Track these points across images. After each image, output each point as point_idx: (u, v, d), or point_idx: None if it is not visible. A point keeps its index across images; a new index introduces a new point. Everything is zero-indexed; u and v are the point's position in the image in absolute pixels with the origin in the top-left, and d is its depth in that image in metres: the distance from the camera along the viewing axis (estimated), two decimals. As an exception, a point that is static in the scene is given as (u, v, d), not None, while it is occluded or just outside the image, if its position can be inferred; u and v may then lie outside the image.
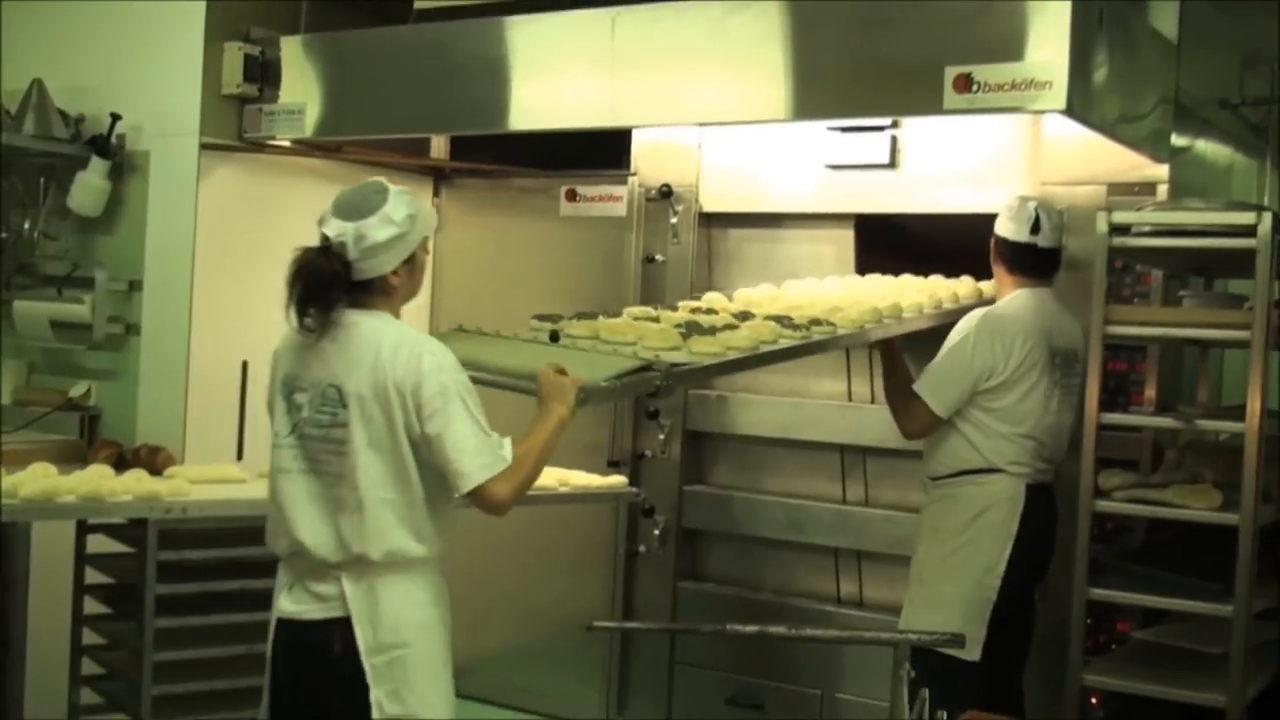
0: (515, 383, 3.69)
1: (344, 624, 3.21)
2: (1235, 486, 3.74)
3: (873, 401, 5.19)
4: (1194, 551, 4.07)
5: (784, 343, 4.11)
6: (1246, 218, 3.73)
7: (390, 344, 3.19)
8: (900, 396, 4.51)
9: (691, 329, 4.03)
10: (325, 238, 3.24)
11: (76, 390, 5.64)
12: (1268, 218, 3.68)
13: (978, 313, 4.42)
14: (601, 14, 4.76)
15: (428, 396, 3.19)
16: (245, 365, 5.54)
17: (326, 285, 3.19)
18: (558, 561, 5.82)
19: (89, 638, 4.60)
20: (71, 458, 4.86)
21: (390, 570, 3.23)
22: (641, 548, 5.55)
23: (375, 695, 3.20)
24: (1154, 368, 4.61)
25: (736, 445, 5.53)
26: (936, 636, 3.56)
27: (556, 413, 3.42)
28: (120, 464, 4.67)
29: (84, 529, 4.57)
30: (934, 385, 4.38)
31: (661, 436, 5.51)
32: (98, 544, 4.58)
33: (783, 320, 4.20)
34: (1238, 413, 3.78)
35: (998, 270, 4.56)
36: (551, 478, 4.97)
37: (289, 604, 3.29)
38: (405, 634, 3.24)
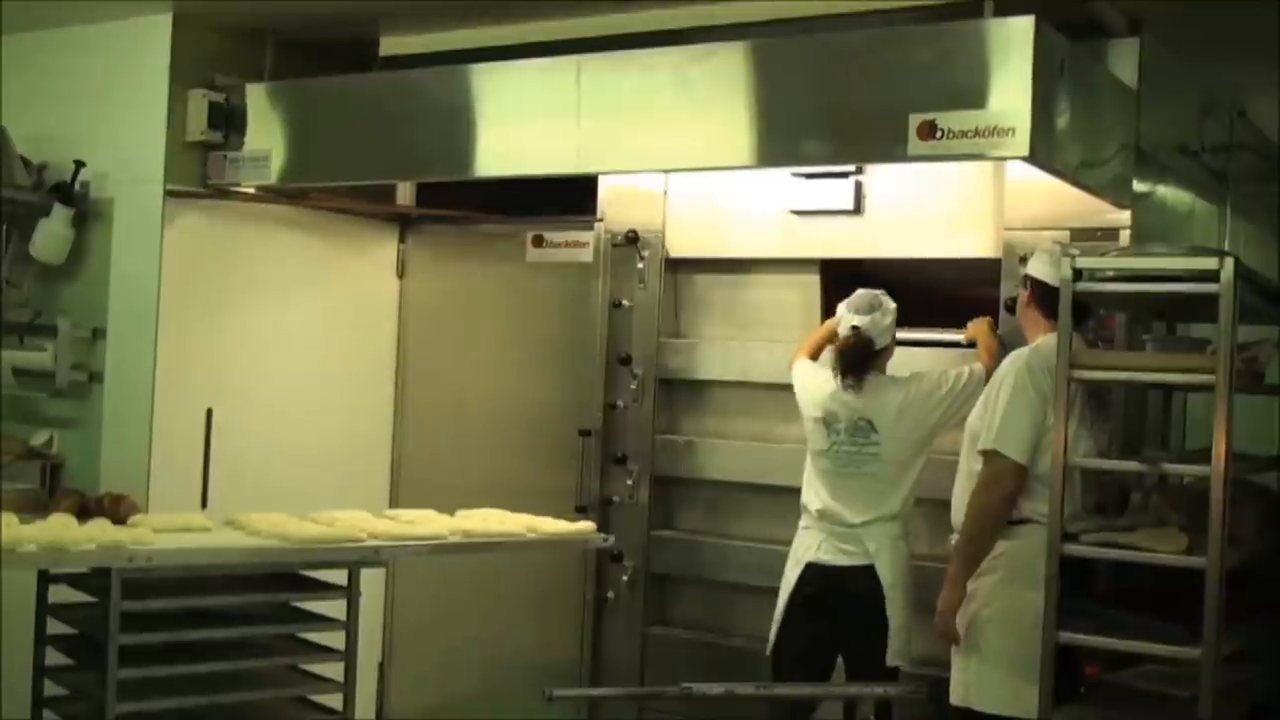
0: (945, 343, 5.04)
1: (865, 570, 4.66)
2: (1201, 529, 3.75)
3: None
4: (1161, 594, 4.07)
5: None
6: (1209, 263, 3.76)
7: (901, 396, 4.72)
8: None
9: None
10: (855, 328, 4.70)
11: (38, 439, 5.59)
12: (1230, 263, 3.71)
13: (1020, 354, 4.36)
14: (567, 61, 4.78)
15: (930, 408, 4.72)
16: (210, 412, 5.51)
17: (865, 354, 4.71)
18: (526, 608, 5.79)
19: (51, 689, 4.54)
20: (33, 507, 4.80)
21: (891, 534, 4.69)
22: (610, 594, 5.53)
23: (890, 613, 4.61)
24: (1118, 411, 4.63)
25: (705, 490, 5.53)
26: (901, 690, 3.54)
27: (984, 339, 4.82)
28: (83, 513, 4.62)
29: (46, 579, 4.52)
30: (1007, 434, 4.25)
31: (629, 482, 5.50)
32: (60, 594, 4.52)
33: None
34: (1203, 456, 3.80)
35: (1032, 314, 4.47)
36: (519, 524, 4.96)
37: (823, 555, 4.74)
38: (901, 574, 4.68)
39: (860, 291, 4.75)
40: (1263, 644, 4.30)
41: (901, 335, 4.83)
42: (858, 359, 4.70)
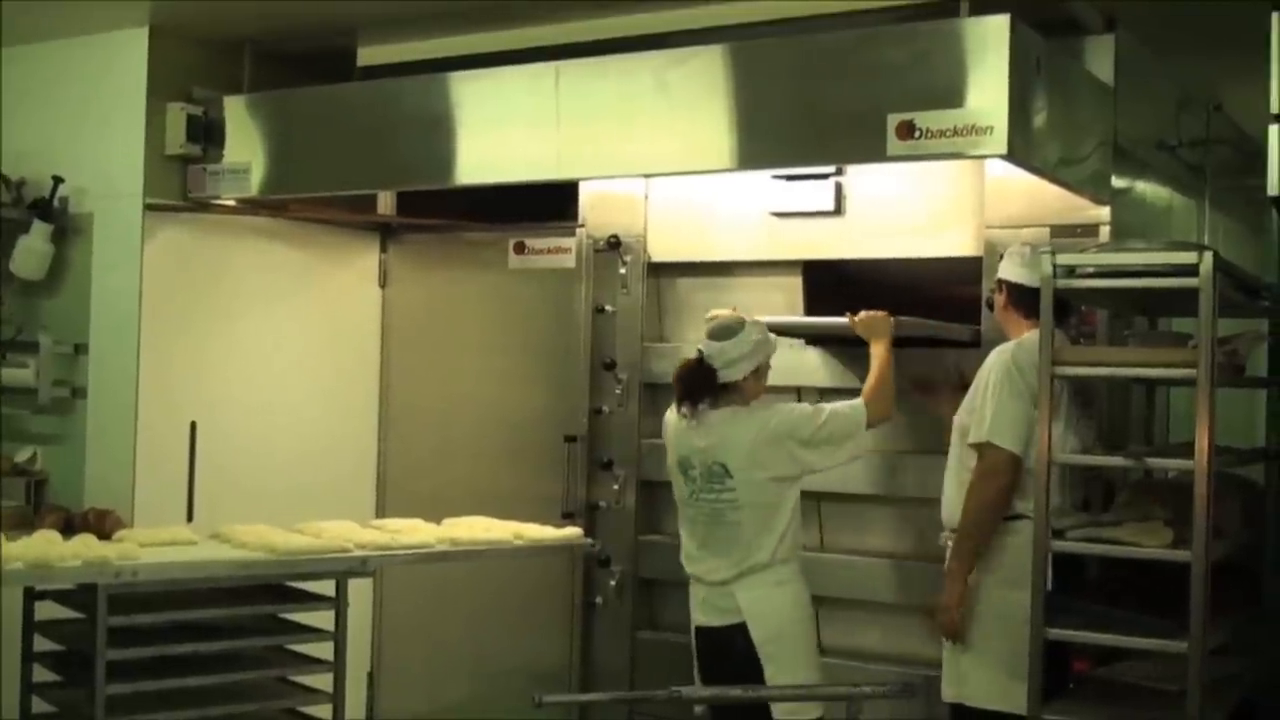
0: (830, 328, 4.80)
1: (738, 630, 4.35)
2: (1186, 522, 3.76)
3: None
4: (1149, 588, 4.09)
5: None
6: (1189, 257, 3.76)
7: (755, 432, 4.35)
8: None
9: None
10: (700, 353, 4.39)
11: (22, 455, 5.57)
12: (1209, 257, 3.72)
13: (1005, 349, 4.36)
14: (545, 68, 4.79)
15: (796, 441, 4.36)
16: (194, 426, 5.50)
17: (699, 385, 4.39)
18: (514, 615, 5.78)
19: (39, 706, 4.53)
20: (18, 524, 4.79)
21: (767, 584, 4.37)
22: (598, 599, 5.53)
23: (770, 673, 4.31)
24: (1103, 407, 4.64)
25: (690, 494, 5.51)
26: (887, 688, 3.54)
27: (879, 348, 4.54)
28: (68, 528, 4.62)
29: (32, 595, 4.51)
30: (999, 426, 4.24)
31: (616, 487, 5.50)
32: (46, 610, 4.51)
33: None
34: (1186, 450, 3.81)
35: (1012, 316, 4.46)
36: (506, 531, 4.96)
37: (701, 616, 4.49)
38: (785, 626, 4.38)
39: (724, 315, 4.51)
40: (1250, 636, 4.32)
41: (791, 319, 4.80)
42: (692, 386, 4.41)
